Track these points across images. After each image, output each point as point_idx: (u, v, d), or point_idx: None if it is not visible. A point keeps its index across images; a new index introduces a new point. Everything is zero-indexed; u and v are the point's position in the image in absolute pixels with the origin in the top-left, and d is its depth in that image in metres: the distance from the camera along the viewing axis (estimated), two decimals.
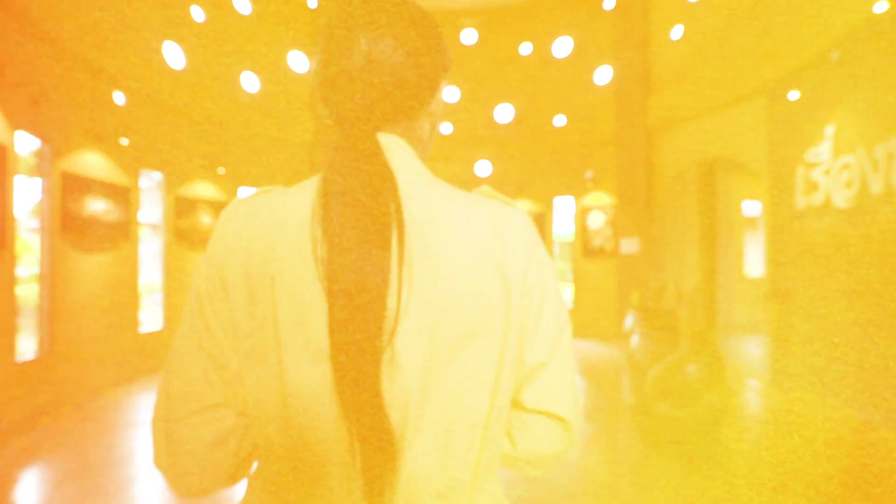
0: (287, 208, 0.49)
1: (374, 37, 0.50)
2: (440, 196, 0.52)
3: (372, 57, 0.50)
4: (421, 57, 0.52)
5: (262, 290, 0.47)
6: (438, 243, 0.48)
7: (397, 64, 0.50)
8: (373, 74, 0.50)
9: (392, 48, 0.50)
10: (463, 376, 0.48)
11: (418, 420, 0.46)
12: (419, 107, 0.55)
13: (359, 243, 0.45)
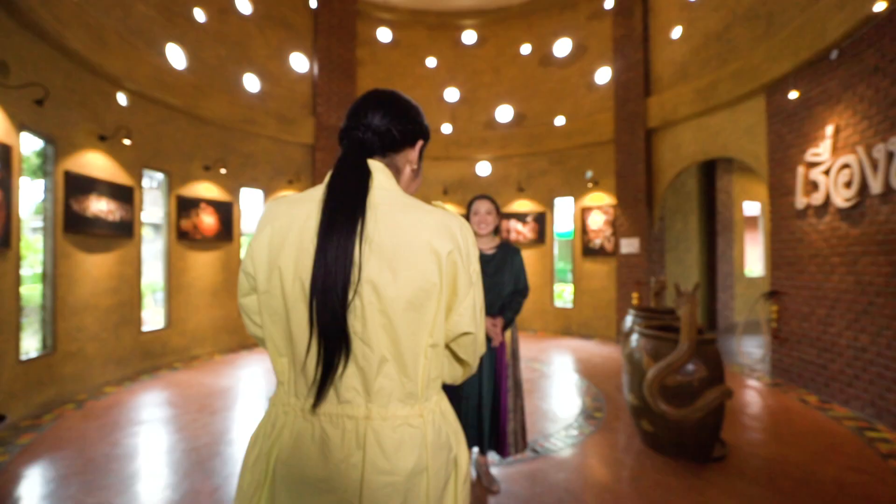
0: (292, 214, 0.83)
1: (372, 110, 0.90)
2: (404, 207, 0.83)
3: (368, 120, 0.89)
4: (398, 123, 0.91)
5: (273, 273, 0.82)
6: (394, 236, 0.79)
7: (382, 125, 0.89)
8: (368, 129, 0.89)
9: (380, 116, 0.89)
10: (410, 327, 0.79)
11: (383, 353, 0.79)
12: (395, 149, 0.92)
13: (337, 232, 0.76)
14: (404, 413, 0.81)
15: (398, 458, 0.79)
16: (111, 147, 4.57)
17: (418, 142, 0.96)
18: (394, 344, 0.79)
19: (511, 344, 2.49)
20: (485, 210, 2.43)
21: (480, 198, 2.46)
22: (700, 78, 5.69)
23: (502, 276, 2.41)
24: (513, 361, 2.48)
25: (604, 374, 4.89)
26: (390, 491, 0.78)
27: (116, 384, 4.50)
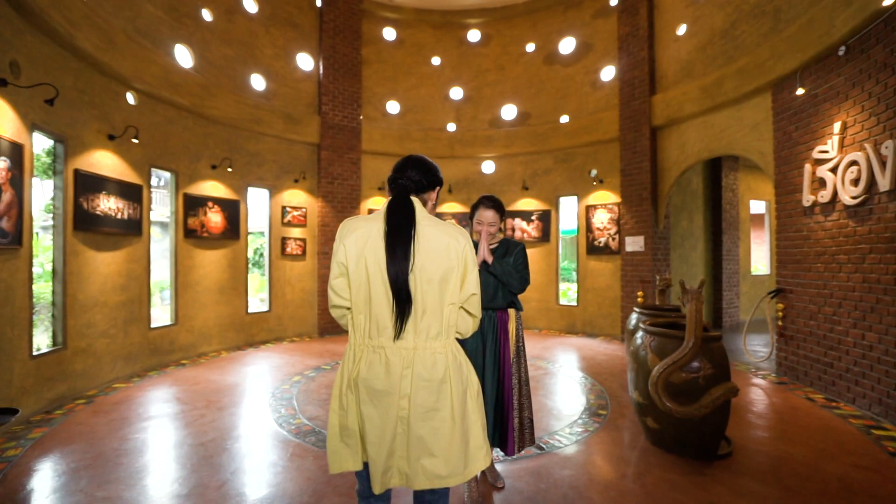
0: (369, 226, 1.40)
1: (411, 168, 1.52)
2: (432, 223, 1.42)
3: (409, 174, 1.50)
4: (426, 175, 1.53)
5: (360, 262, 1.37)
6: (429, 241, 1.38)
7: (416, 177, 1.50)
8: (409, 179, 1.49)
9: (417, 172, 1.50)
10: (441, 293, 1.39)
11: (425, 308, 1.37)
12: (425, 191, 1.54)
13: (399, 239, 1.36)
14: (435, 345, 1.39)
15: (433, 371, 1.37)
16: (120, 146, 4.63)
17: (437, 187, 1.60)
18: (431, 302, 1.38)
19: (515, 341, 2.49)
20: (488, 222, 2.42)
21: (485, 206, 2.43)
22: (705, 75, 5.66)
23: (503, 265, 2.43)
24: (517, 358, 2.47)
25: (608, 372, 4.89)
26: (428, 391, 1.36)
27: (126, 380, 4.56)
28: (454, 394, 1.37)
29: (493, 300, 2.41)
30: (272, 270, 6.81)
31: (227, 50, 6.15)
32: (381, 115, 7.94)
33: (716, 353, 2.67)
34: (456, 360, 1.41)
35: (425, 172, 1.52)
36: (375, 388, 1.34)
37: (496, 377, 2.40)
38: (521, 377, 2.48)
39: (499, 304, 2.42)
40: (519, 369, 2.48)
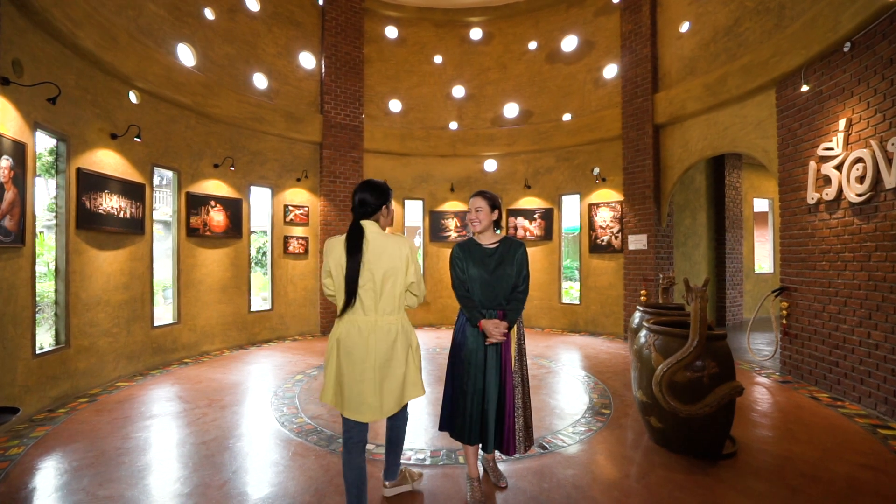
0: (340, 244, 2.11)
1: (362, 190, 2.16)
2: (381, 236, 2.12)
3: (362, 198, 2.15)
4: (376, 197, 2.17)
5: (337, 266, 2.10)
6: (378, 249, 2.09)
7: (368, 199, 2.15)
8: (361, 203, 2.16)
9: (368, 195, 2.15)
10: (391, 285, 2.10)
11: (382, 293, 2.09)
12: (376, 212, 2.18)
13: (352, 251, 2.07)
14: (390, 318, 2.10)
15: (388, 335, 2.08)
16: (122, 145, 4.63)
17: (385, 205, 2.19)
18: (386, 290, 2.09)
19: (517, 341, 2.44)
20: (475, 207, 2.44)
21: (474, 195, 2.48)
22: (709, 73, 5.63)
23: (505, 269, 2.39)
24: (518, 358, 2.42)
25: (611, 371, 4.87)
26: (385, 348, 2.06)
27: (128, 379, 4.56)
28: (400, 349, 2.11)
29: (493, 300, 2.39)
30: (274, 269, 6.81)
31: (230, 49, 6.14)
32: (383, 113, 7.93)
33: (720, 352, 2.65)
34: (403, 328, 2.15)
35: (375, 194, 2.15)
36: (349, 345, 2.05)
37: (498, 377, 2.36)
38: (524, 376, 2.44)
39: (499, 304, 2.40)
40: (521, 369, 2.43)
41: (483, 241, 2.48)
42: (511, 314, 2.34)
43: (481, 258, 2.42)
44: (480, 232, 2.47)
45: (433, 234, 8.13)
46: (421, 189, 8.13)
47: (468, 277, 2.41)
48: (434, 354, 5.77)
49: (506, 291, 2.39)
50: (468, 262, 2.42)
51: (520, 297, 2.39)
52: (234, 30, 6.22)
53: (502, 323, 2.30)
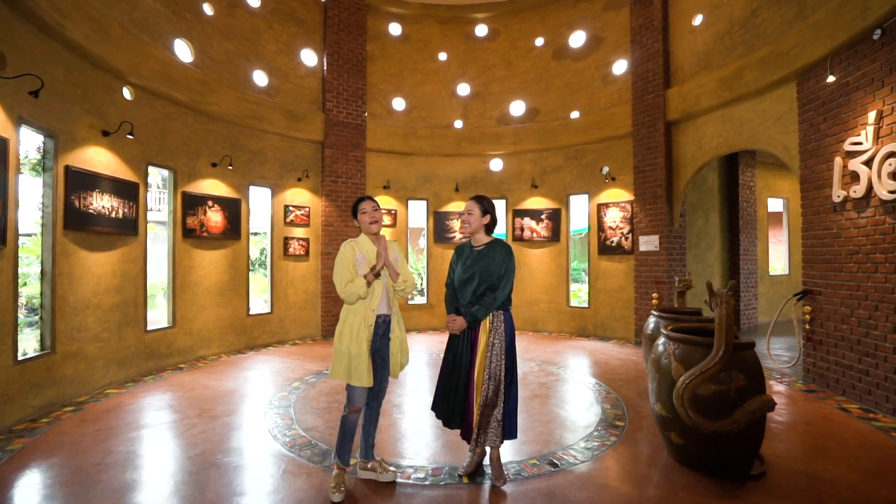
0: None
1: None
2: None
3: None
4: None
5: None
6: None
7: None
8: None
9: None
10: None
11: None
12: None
13: None
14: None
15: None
16: (115, 142, 4.47)
17: (354, 219, 2.62)
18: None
19: (490, 337, 2.50)
20: (467, 210, 2.63)
21: (470, 198, 2.67)
22: (724, 67, 5.39)
23: (477, 269, 2.55)
24: (490, 354, 2.48)
25: (623, 379, 4.63)
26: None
27: (119, 385, 4.39)
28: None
29: (465, 297, 2.58)
30: (274, 271, 6.64)
31: (229, 45, 5.99)
32: (386, 112, 7.75)
33: (748, 363, 2.43)
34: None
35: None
36: None
37: (466, 366, 2.53)
38: (496, 374, 2.46)
39: (473, 301, 2.57)
40: (491, 365, 2.47)
41: (475, 243, 2.66)
42: (474, 310, 2.50)
43: (466, 257, 2.63)
44: (471, 234, 2.65)
45: (437, 235, 7.93)
46: (425, 189, 7.93)
47: (454, 274, 2.68)
48: (437, 360, 5.56)
49: (478, 290, 2.52)
50: (458, 262, 2.68)
51: (489, 297, 2.49)
52: (234, 26, 6.07)
53: (458, 318, 2.54)
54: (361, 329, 2.46)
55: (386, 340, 2.57)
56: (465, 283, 2.56)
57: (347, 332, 2.47)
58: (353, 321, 2.48)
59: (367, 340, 2.45)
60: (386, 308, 2.56)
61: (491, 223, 2.63)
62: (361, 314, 2.47)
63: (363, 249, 2.56)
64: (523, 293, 7.72)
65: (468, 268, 2.57)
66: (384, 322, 2.55)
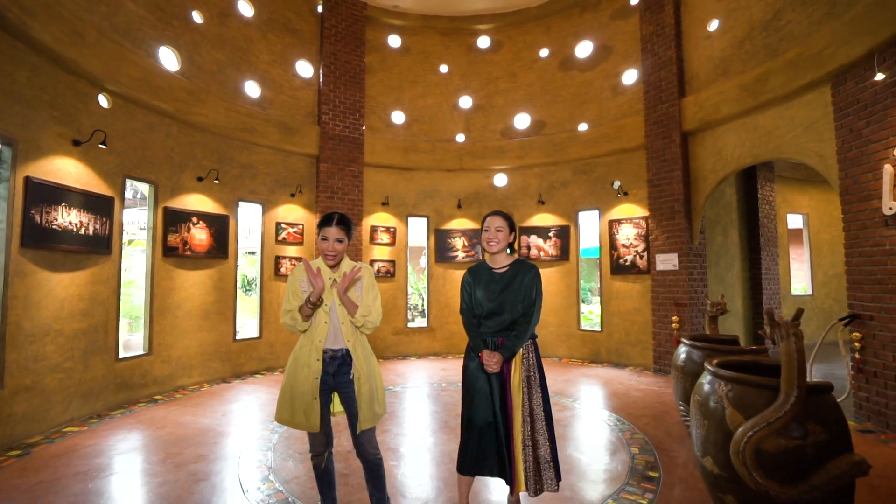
0: None
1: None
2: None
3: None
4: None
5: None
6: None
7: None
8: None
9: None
10: None
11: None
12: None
13: None
14: None
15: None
16: (87, 153, 4.10)
17: None
18: None
19: (524, 370, 2.24)
20: (495, 227, 2.33)
21: (492, 214, 2.38)
22: (745, 72, 5.04)
23: (511, 294, 2.26)
24: (527, 388, 2.22)
25: (648, 414, 4.12)
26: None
27: (82, 422, 3.91)
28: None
29: (496, 327, 2.27)
30: (264, 292, 6.20)
31: (219, 54, 5.70)
32: (385, 125, 7.42)
33: (827, 411, 1.95)
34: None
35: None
36: None
37: (502, 408, 2.22)
38: (534, 411, 2.22)
39: (504, 330, 2.27)
40: (531, 400, 2.23)
41: (494, 264, 2.38)
42: (510, 343, 2.22)
43: (489, 281, 2.33)
44: (496, 253, 2.35)
45: (439, 254, 7.50)
46: (426, 205, 7.54)
47: (475, 302, 2.33)
48: (439, 391, 5.06)
49: (511, 317, 2.26)
50: (476, 286, 2.35)
51: (523, 326, 2.24)
52: (225, 35, 5.79)
53: (495, 354, 2.20)
54: (309, 363, 2.10)
55: (345, 379, 2.16)
56: (494, 313, 2.25)
57: (293, 366, 2.13)
58: (301, 354, 2.14)
59: (314, 378, 2.10)
60: (339, 341, 2.17)
61: (513, 241, 2.38)
62: (308, 346, 2.13)
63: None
64: None
65: (495, 295, 2.26)
66: (338, 357, 2.16)
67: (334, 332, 2.16)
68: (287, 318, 2.12)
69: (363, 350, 2.20)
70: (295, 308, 2.11)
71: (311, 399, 2.09)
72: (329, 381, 2.15)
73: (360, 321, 2.14)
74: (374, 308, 2.19)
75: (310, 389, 2.09)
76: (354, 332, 2.19)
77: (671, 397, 4.68)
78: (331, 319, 2.16)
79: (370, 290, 2.24)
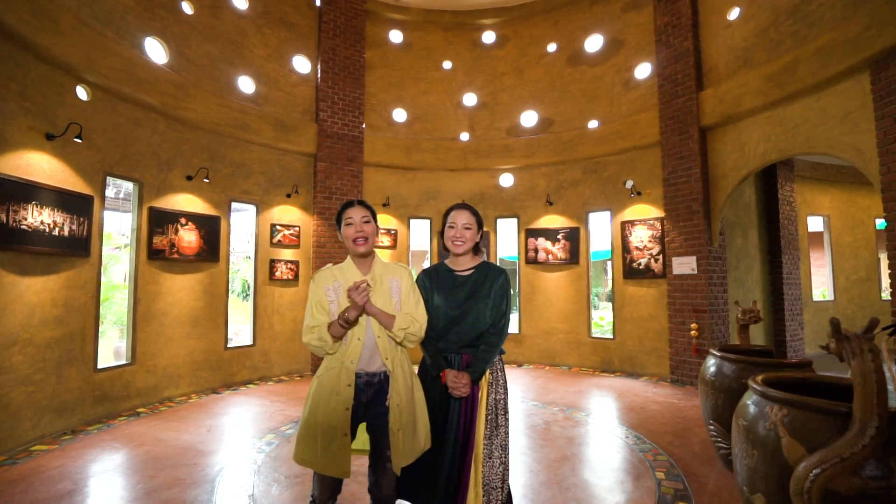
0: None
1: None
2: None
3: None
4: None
5: None
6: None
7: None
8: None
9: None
10: None
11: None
12: None
13: None
14: None
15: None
16: (63, 148, 3.82)
17: (338, 230, 1.91)
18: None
19: (491, 390, 1.94)
20: (462, 223, 1.98)
21: (457, 207, 2.03)
22: (770, 62, 4.70)
23: (477, 303, 1.93)
24: (496, 414, 1.92)
25: (670, 431, 3.76)
26: None
27: (53, 439, 3.60)
28: None
29: (459, 341, 1.92)
30: (257, 298, 5.89)
31: (211, 47, 5.43)
32: (386, 123, 7.13)
33: None
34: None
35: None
36: None
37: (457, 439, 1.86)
38: (503, 442, 1.92)
39: (468, 346, 1.93)
40: (495, 433, 1.91)
41: (457, 266, 2.04)
42: (480, 360, 1.89)
43: (450, 287, 1.99)
44: (462, 254, 2.01)
45: (442, 258, 7.15)
46: (428, 207, 7.23)
47: (432, 310, 1.97)
48: None
49: (477, 331, 1.93)
50: (434, 290, 2.00)
51: (494, 339, 1.93)
52: (217, 27, 5.52)
53: (463, 375, 1.86)
54: (338, 390, 1.71)
55: (380, 411, 1.77)
56: (455, 321, 1.92)
57: (318, 394, 1.73)
58: (327, 378, 1.74)
59: (345, 408, 1.70)
60: (376, 362, 1.78)
61: (479, 240, 2.07)
62: (337, 369, 1.73)
63: (346, 278, 1.83)
64: (538, 322, 6.89)
65: (458, 303, 1.94)
66: (374, 383, 1.78)
67: (370, 350, 1.77)
68: (312, 337, 1.72)
69: (403, 371, 1.80)
70: (323, 325, 1.72)
71: (340, 435, 1.68)
72: (359, 410, 1.76)
73: (400, 335, 1.76)
74: (417, 315, 1.82)
75: (339, 423, 1.68)
76: (394, 347, 1.81)
77: (693, 412, 4.31)
78: (365, 335, 1.77)
79: (411, 293, 1.87)
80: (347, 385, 1.71)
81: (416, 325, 1.79)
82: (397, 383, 1.76)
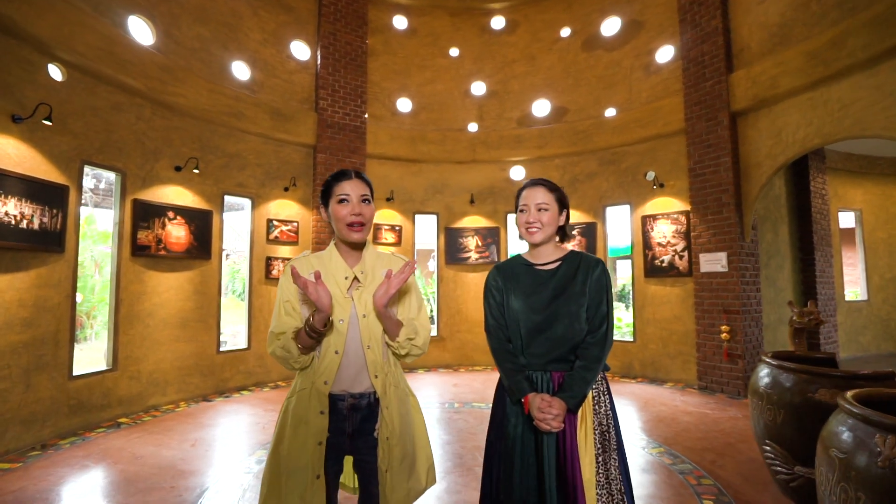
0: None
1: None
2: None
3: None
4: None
5: None
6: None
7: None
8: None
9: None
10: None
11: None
12: None
13: None
14: None
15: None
16: (33, 132, 3.46)
17: (324, 209, 1.50)
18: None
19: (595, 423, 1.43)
20: (535, 204, 1.51)
21: (531, 185, 1.56)
22: (812, 38, 4.27)
23: (568, 304, 1.45)
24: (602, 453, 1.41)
25: (710, 447, 3.33)
26: None
27: (19, 455, 3.23)
28: None
29: (546, 355, 1.45)
30: (253, 297, 5.51)
31: (202, 30, 5.06)
32: (389, 113, 6.74)
33: None
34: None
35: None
36: None
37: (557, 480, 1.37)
38: (611, 486, 1.40)
39: (558, 361, 1.45)
40: (607, 472, 1.40)
41: (537, 259, 1.57)
42: (577, 380, 1.39)
43: (531, 285, 1.52)
44: (540, 243, 1.54)
45: (449, 255, 6.77)
46: (435, 201, 6.83)
47: (509, 316, 1.51)
48: (451, 414, 4.30)
49: (570, 341, 1.44)
50: (510, 292, 1.53)
51: (595, 351, 1.43)
52: (210, 8, 5.15)
53: (556, 402, 1.36)
54: (307, 418, 1.29)
55: (369, 444, 1.37)
56: (540, 329, 1.45)
57: (284, 423, 1.33)
58: (297, 403, 1.33)
59: (317, 442, 1.29)
60: (363, 382, 1.37)
61: (566, 224, 1.58)
62: (308, 390, 1.32)
63: (328, 271, 1.39)
64: None
65: (543, 305, 1.46)
66: (362, 407, 1.37)
67: (354, 366, 1.35)
68: (276, 346, 1.31)
69: (397, 391, 1.40)
70: (289, 331, 1.32)
71: (312, 478, 1.28)
72: (343, 444, 1.37)
73: (404, 347, 1.37)
74: (420, 324, 1.42)
75: (309, 462, 1.28)
76: (386, 362, 1.39)
77: (731, 424, 3.88)
78: (344, 347, 1.34)
79: (412, 294, 1.48)
80: (320, 413, 1.29)
81: (422, 337, 1.39)
82: (389, 409, 1.35)
